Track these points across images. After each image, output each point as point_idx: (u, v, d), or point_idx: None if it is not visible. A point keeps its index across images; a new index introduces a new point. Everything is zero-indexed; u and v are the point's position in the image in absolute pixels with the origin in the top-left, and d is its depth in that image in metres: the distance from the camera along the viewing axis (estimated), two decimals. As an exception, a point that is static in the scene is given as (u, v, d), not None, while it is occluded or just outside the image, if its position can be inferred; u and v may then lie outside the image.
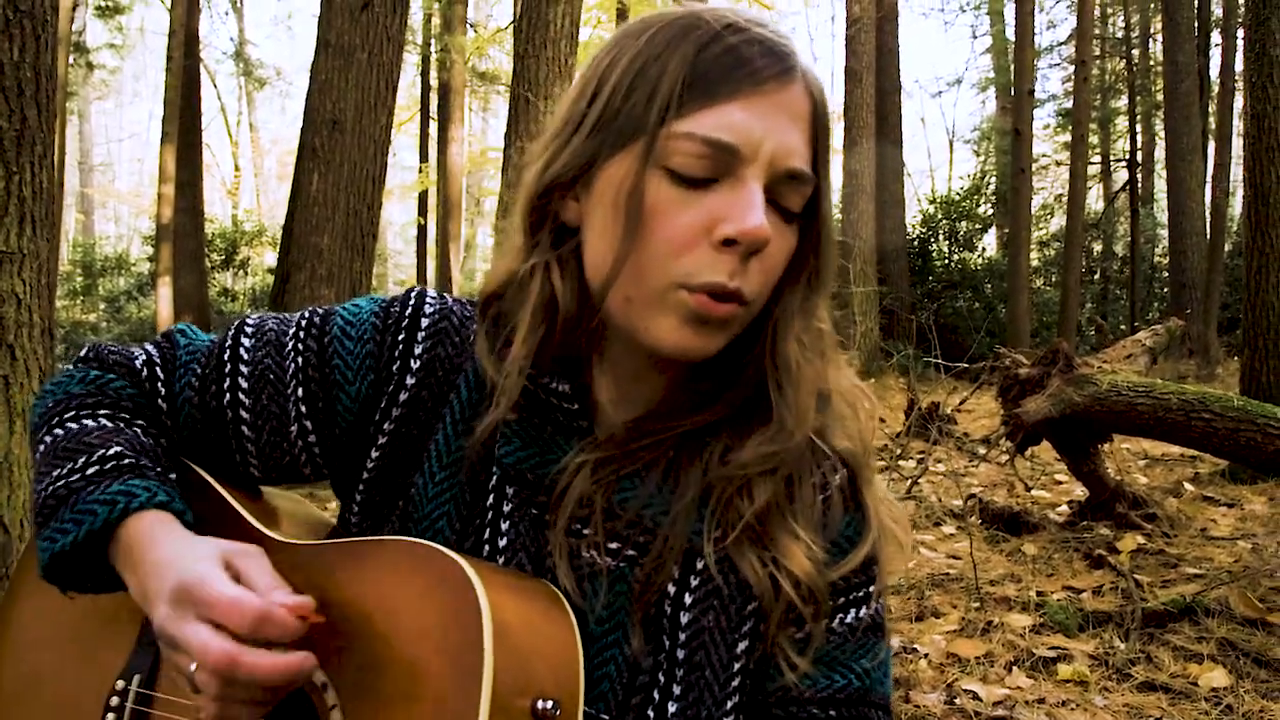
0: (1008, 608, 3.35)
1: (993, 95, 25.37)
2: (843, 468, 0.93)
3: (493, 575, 0.79)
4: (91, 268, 22.28)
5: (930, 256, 16.36)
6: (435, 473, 0.91)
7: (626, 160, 0.81)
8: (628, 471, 0.88)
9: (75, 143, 34.15)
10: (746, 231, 0.78)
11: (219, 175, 30.17)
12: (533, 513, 0.90)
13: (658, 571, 0.87)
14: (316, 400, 0.93)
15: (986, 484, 5.58)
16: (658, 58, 0.81)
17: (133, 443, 0.91)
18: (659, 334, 0.82)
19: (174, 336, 1.00)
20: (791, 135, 0.81)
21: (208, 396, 0.95)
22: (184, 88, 14.74)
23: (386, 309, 0.95)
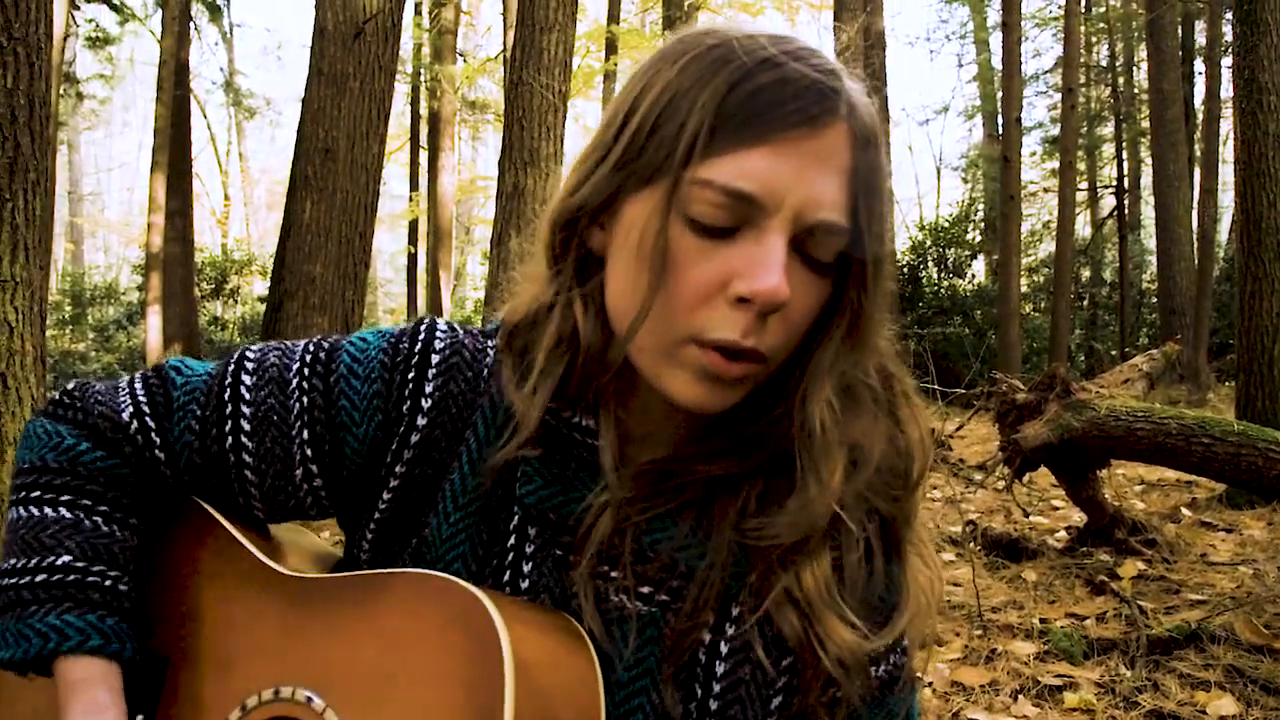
0: (1011, 635, 3.32)
1: (980, 123, 25.56)
2: (879, 521, 0.87)
3: (512, 609, 0.76)
4: (81, 297, 22.23)
5: (920, 283, 16.38)
6: (450, 513, 0.88)
7: (650, 200, 0.77)
8: (657, 513, 0.84)
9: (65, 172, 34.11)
10: (760, 292, 0.73)
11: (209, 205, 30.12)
12: (556, 553, 0.86)
13: (694, 618, 0.83)
14: (323, 443, 0.88)
15: (984, 510, 5.56)
16: (687, 92, 0.75)
17: (85, 545, 0.87)
18: (672, 387, 0.79)
19: (166, 374, 0.94)
20: (823, 184, 0.75)
21: (208, 441, 0.90)
22: (174, 117, 14.75)
23: (395, 345, 0.90)
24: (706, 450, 0.85)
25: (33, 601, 0.84)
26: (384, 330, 0.93)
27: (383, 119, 6.84)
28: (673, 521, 0.85)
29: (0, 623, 0.85)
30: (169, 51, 14.19)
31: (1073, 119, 13.70)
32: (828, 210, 0.75)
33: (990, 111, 22.15)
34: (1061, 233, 13.82)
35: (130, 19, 19.05)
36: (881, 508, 0.86)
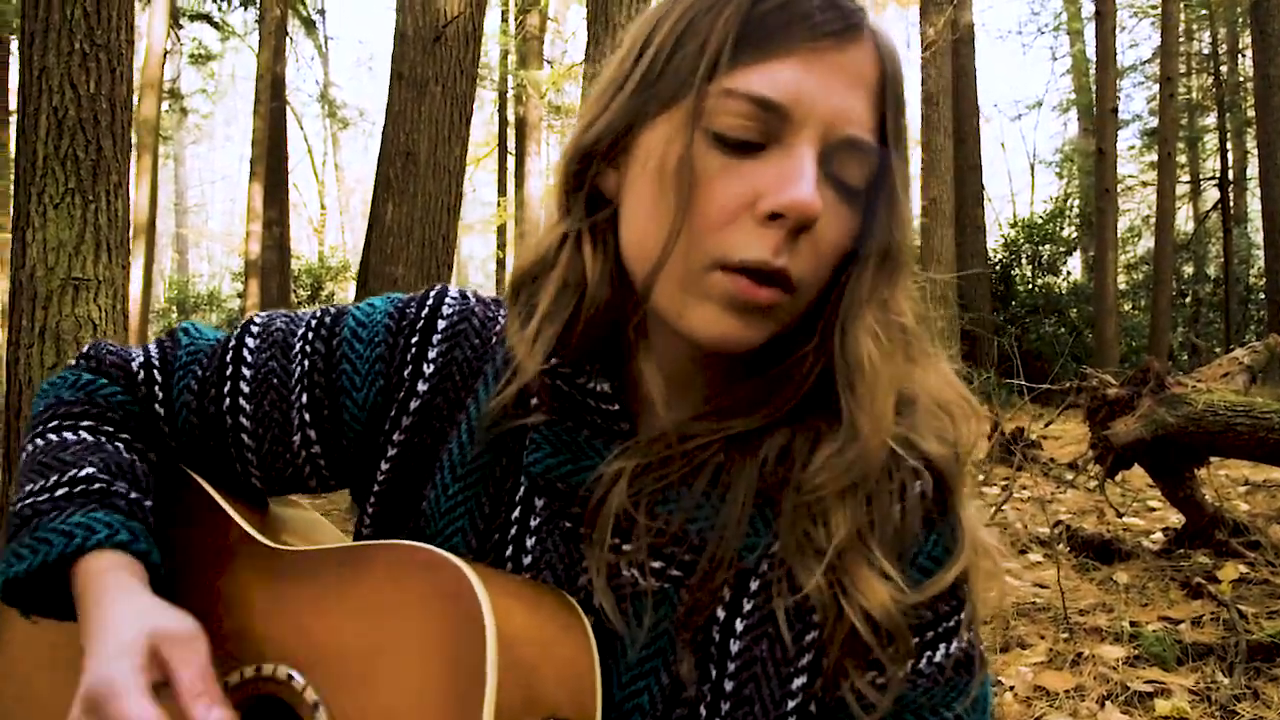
0: (1099, 638, 3.19)
1: (1074, 117, 24.88)
2: (927, 473, 0.80)
3: (501, 583, 0.73)
4: (185, 305, 22.98)
5: (1013, 281, 15.99)
6: (448, 484, 0.84)
7: (670, 122, 0.72)
8: (670, 481, 0.78)
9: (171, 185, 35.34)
10: (793, 204, 0.68)
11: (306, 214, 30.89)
12: (565, 525, 0.81)
13: (705, 592, 0.77)
14: (322, 408, 0.86)
15: (1075, 511, 5.37)
16: (710, 8, 0.72)
17: (109, 462, 0.84)
18: (696, 321, 0.73)
19: (177, 335, 0.93)
20: (851, 100, 0.72)
21: (206, 401, 0.88)
22: (271, 129, 15.16)
23: (402, 309, 0.88)
24: (736, 404, 0.79)
25: (52, 510, 0.80)
26: (394, 296, 0.91)
27: (464, 121, 6.90)
28: (686, 487, 0.79)
29: (14, 542, 0.80)
30: (265, 66, 14.57)
31: (1172, 109, 13.24)
32: (856, 127, 0.72)
33: (1085, 105, 21.53)
34: (1161, 227, 13.36)
35: (230, 35, 19.64)
36: (932, 453, 0.79)
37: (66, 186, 3.22)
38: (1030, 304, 15.55)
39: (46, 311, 3.25)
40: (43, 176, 3.22)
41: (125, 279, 3.46)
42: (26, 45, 3.21)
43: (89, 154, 3.30)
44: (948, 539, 0.79)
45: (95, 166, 3.33)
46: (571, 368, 0.79)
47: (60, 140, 3.20)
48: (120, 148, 3.40)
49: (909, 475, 0.79)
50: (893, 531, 0.77)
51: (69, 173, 3.23)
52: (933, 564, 0.78)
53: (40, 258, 3.25)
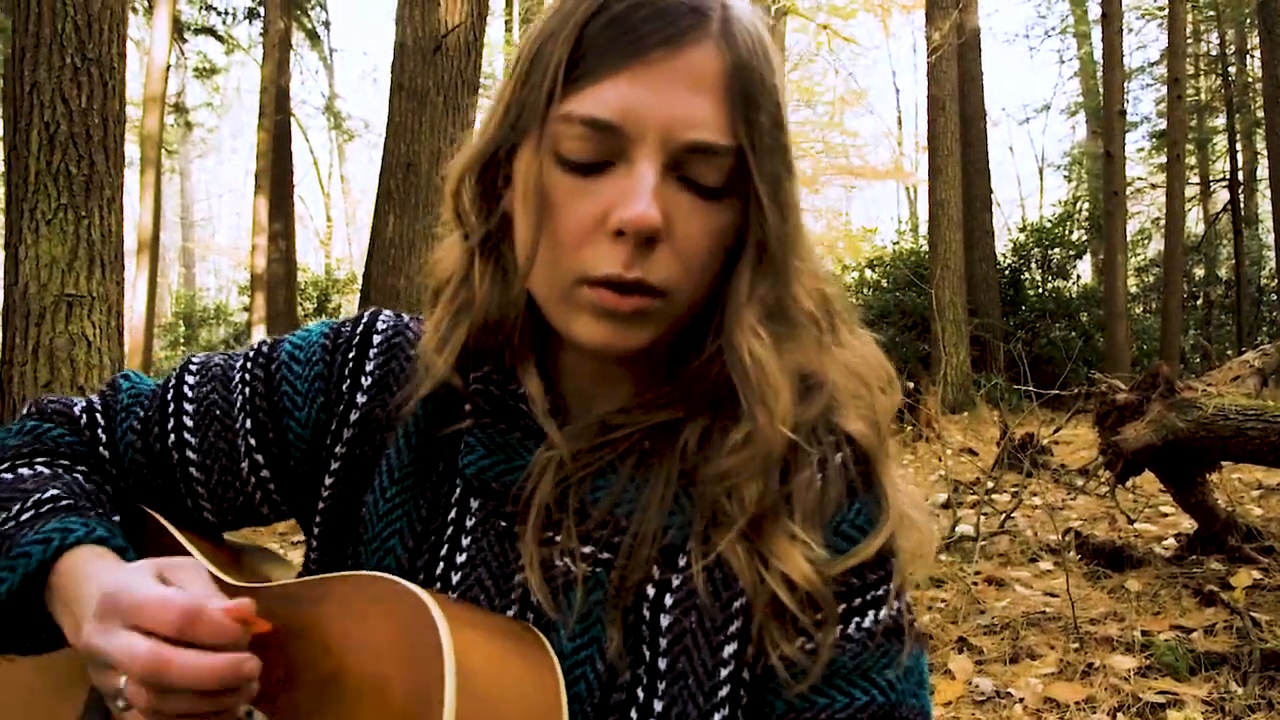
0: (1110, 648, 3.13)
1: (1083, 119, 24.82)
2: (848, 447, 0.82)
3: (463, 614, 0.70)
4: (191, 319, 23.08)
5: (1022, 285, 15.94)
6: (386, 488, 0.85)
7: (529, 148, 0.76)
8: (598, 468, 0.81)
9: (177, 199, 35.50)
10: (629, 220, 0.71)
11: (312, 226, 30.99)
12: (501, 525, 0.82)
13: (631, 571, 0.78)
14: (266, 431, 0.87)
15: (1086, 517, 5.31)
16: (553, 34, 0.75)
17: (71, 486, 0.84)
18: (578, 332, 0.76)
19: (117, 383, 0.95)
20: (691, 105, 0.72)
21: (151, 439, 0.89)
22: (276, 142, 15.18)
23: (337, 330, 0.91)
24: (647, 400, 0.82)
25: (22, 528, 0.78)
26: (328, 321, 0.93)
27: (466, 132, 6.88)
28: (613, 476, 0.81)
29: None
30: (269, 79, 14.59)
31: (1180, 111, 13.17)
32: (700, 130, 0.72)
33: (1093, 107, 21.46)
34: (1171, 229, 13.29)
35: (235, 49, 19.72)
36: (853, 430, 0.82)
37: (59, 202, 3.20)
38: (1040, 308, 15.49)
39: (40, 328, 3.22)
40: (34, 193, 3.20)
41: (119, 295, 3.44)
42: (17, 60, 3.19)
43: (81, 169, 3.28)
44: (871, 509, 0.81)
45: (88, 182, 3.31)
46: (500, 373, 0.83)
47: (52, 156, 3.18)
48: (113, 163, 3.38)
49: (830, 448, 0.81)
50: (814, 501, 0.79)
51: (61, 188, 3.21)
52: (856, 532, 0.80)
53: (33, 274, 3.23)
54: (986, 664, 3.11)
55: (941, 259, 12.77)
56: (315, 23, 20.13)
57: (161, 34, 12.04)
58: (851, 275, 17.94)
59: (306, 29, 19.84)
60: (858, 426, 0.82)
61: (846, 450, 0.82)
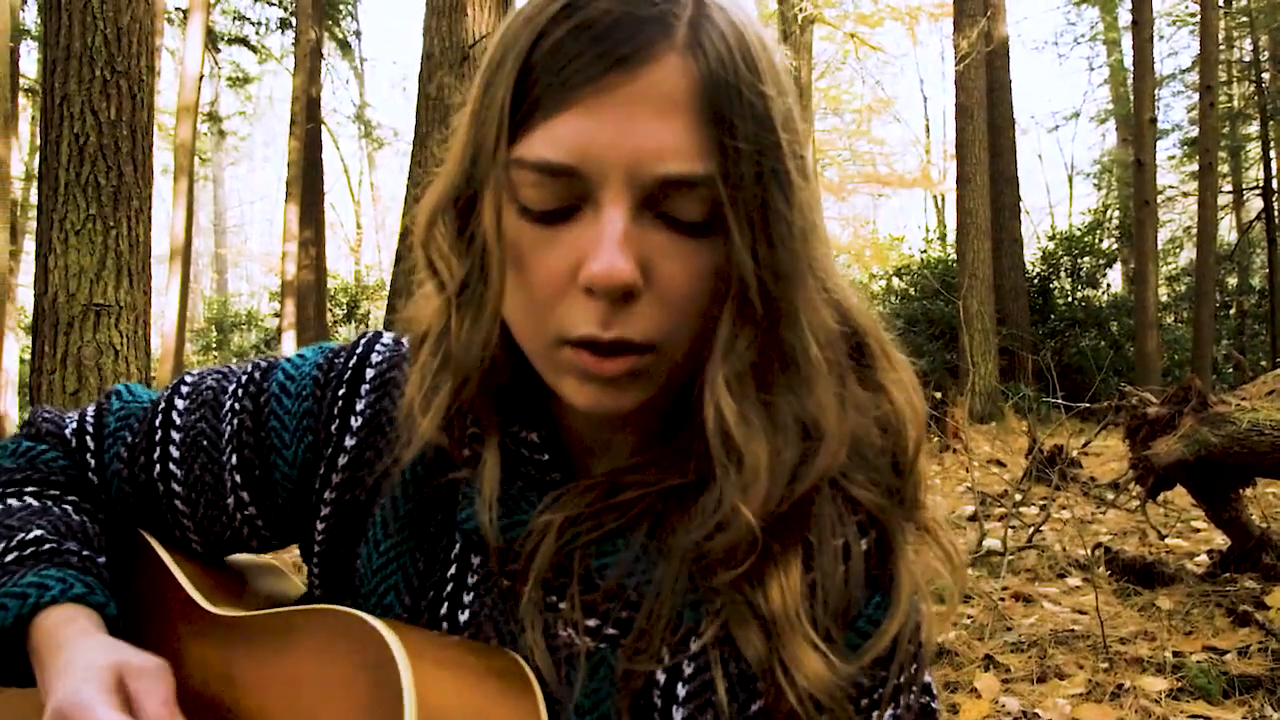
0: (1140, 669, 3.07)
1: (1113, 127, 24.61)
2: (870, 527, 0.74)
3: (431, 649, 0.67)
4: (223, 324, 23.26)
5: (1051, 294, 15.80)
6: (380, 541, 0.79)
7: (489, 194, 0.66)
8: (606, 532, 0.73)
9: (211, 206, 35.83)
10: (595, 278, 0.62)
11: (343, 233, 31.16)
12: (504, 583, 0.75)
13: (643, 655, 0.71)
14: (252, 468, 0.82)
15: (1115, 532, 5.24)
16: (499, 65, 0.66)
17: (56, 523, 0.82)
18: (567, 392, 0.69)
19: (110, 401, 0.91)
20: (658, 133, 0.62)
21: (136, 469, 0.85)
22: (307, 150, 15.30)
23: (331, 360, 0.84)
24: (656, 458, 0.74)
25: (3, 574, 0.77)
26: (326, 346, 0.87)
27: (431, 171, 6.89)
28: (623, 542, 0.73)
29: None
30: (300, 88, 14.69)
31: (1212, 118, 13.02)
32: (671, 161, 0.62)
33: (1124, 115, 21.28)
34: (1203, 238, 13.13)
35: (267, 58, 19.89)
36: (863, 499, 0.73)
37: (88, 213, 3.23)
38: (1069, 317, 15.35)
39: (68, 337, 3.25)
40: (64, 203, 3.22)
41: (147, 304, 3.46)
42: (48, 73, 3.22)
43: (110, 180, 3.31)
44: (886, 597, 0.74)
45: (116, 193, 3.33)
46: (502, 416, 0.75)
47: (81, 167, 3.21)
48: (142, 174, 3.40)
49: (854, 533, 0.73)
50: (836, 595, 0.72)
51: (90, 199, 3.23)
52: (871, 627, 0.73)
53: (62, 284, 3.25)
54: (1013, 683, 3.06)
55: (969, 268, 12.69)
56: (346, 33, 20.29)
57: (195, 44, 12.15)
58: (879, 284, 17.87)
59: (338, 39, 20.00)
60: (866, 496, 0.73)
61: (870, 532, 0.74)
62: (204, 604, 0.81)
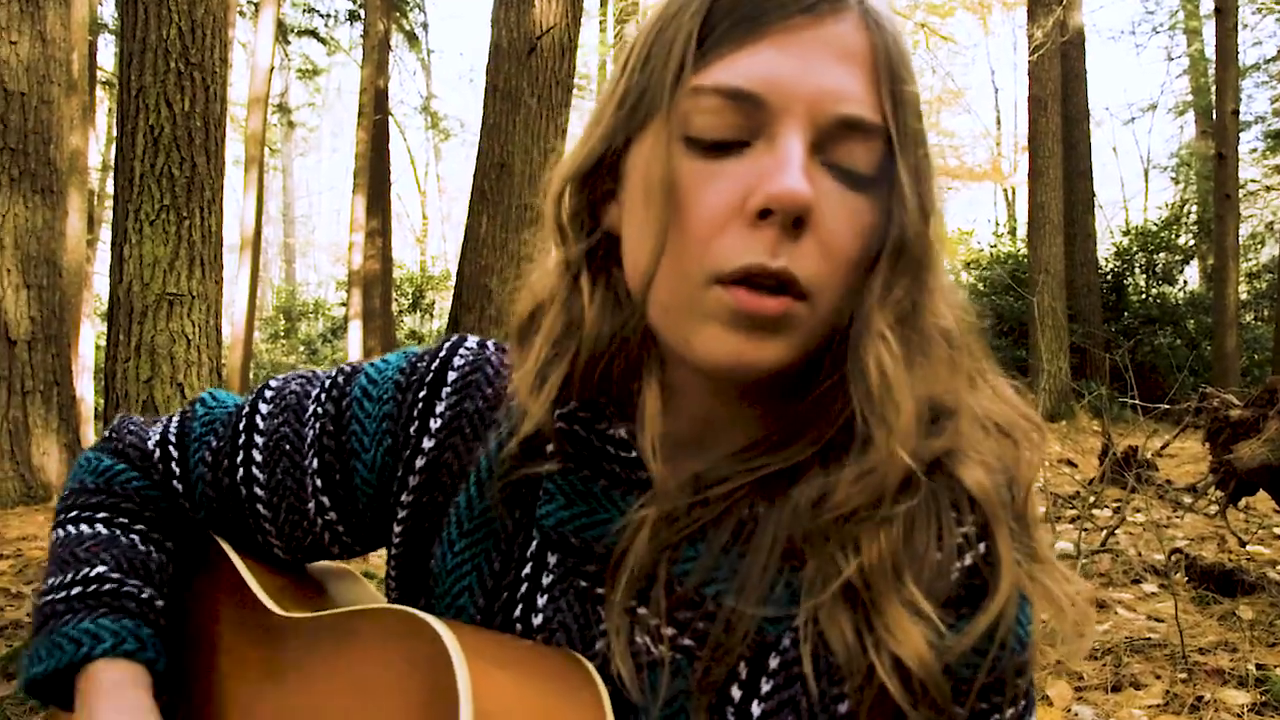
0: (1221, 681, 2.97)
1: (1192, 119, 23.97)
2: (969, 514, 0.69)
3: (492, 650, 0.66)
4: (291, 312, 23.66)
5: (1125, 291, 15.46)
6: (454, 540, 0.77)
7: (651, 136, 0.66)
8: (689, 533, 0.70)
9: (280, 196, 36.46)
10: (780, 194, 0.61)
11: (408, 224, 31.51)
12: (581, 584, 0.73)
13: (718, 665, 0.68)
14: (333, 472, 0.81)
15: (1193, 537, 5.09)
16: (676, 13, 0.67)
17: (120, 559, 0.84)
18: (702, 347, 0.65)
19: (195, 407, 0.91)
20: (841, 75, 0.64)
21: (220, 473, 0.85)
22: (374, 141, 15.47)
23: (414, 364, 0.83)
24: (768, 441, 0.71)
25: (66, 612, 0.81)
26: (410, 350, 0.86)
27: (559, 133, 6.89)
28: (705, 544, 0.70)
29: (36, 641, 0.82)
30: (368, 80, 14.87)
31: (1299, 110, 12.60)
32: (851, 104, 0.64)
33: (1203, 106, 20.73)
34: (1287, 234, 12.72)
35: (336, 50, 20.15)
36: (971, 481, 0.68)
37: (162, 203, 3.27)
38: (1144, 315, 15.01)
39: (142, 326, 3.30)
40: (139, 194, 3.27)
41: (218, 294, 3.50)
42: (124, 65, 3.26)
43: (183, 171, 3.35)
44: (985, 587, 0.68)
45: (189, 183, 3.37)
46: (589, 412, 0.73)
47: (156, 158, 3.25)
48: (214, 165, 3.44)
49: (949, 519, 0.68)
50: (931, 573, 0.66)
51: (164, 190, 3.28)
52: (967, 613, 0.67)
53: (136, 273, 3.30)
54: (1087, 691, 2.98)
55: (1041, 263, 12.45)
56: (414, 24, 20.47)
57: (266, 37, 12.34)
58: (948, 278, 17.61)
59: (405, 31, 20.18)
60: (978, 479, 0.68)
61: (968, 517, 0.68)
62: (271, 606, 0.82)
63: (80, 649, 0.79)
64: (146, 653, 0.81)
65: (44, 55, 7.45)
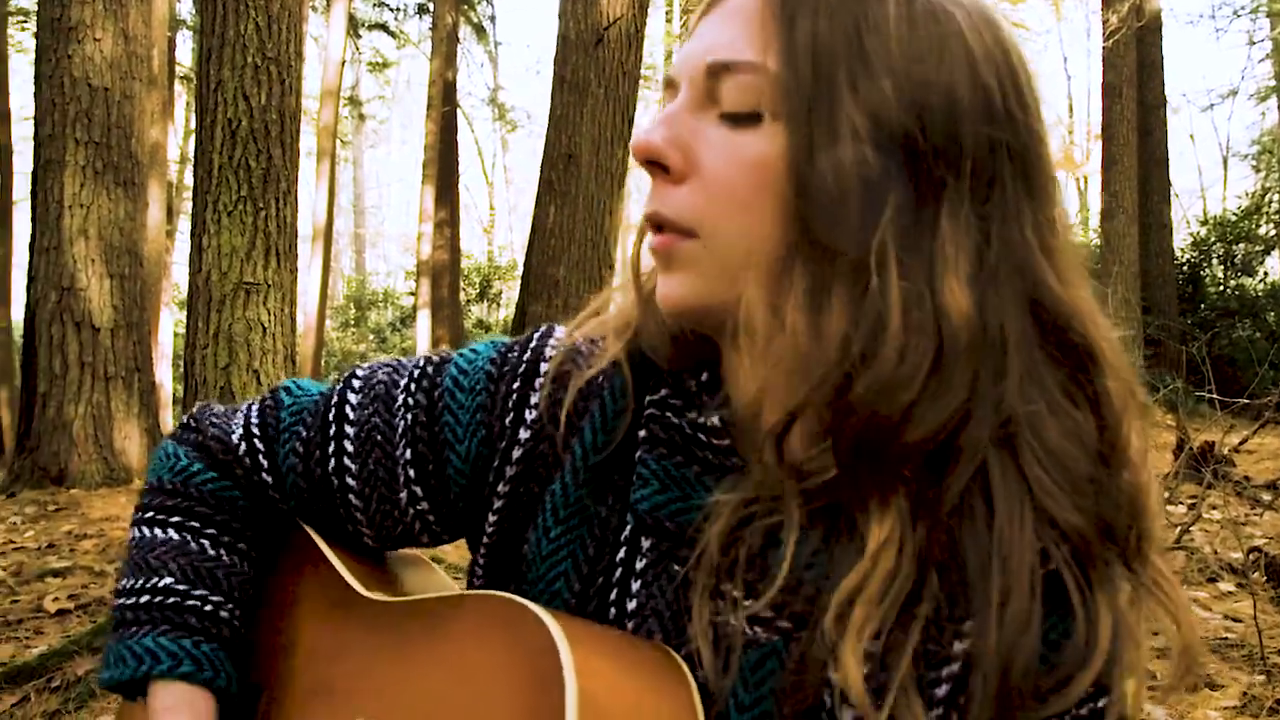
0: (1301, 682, 2.91)
1: (1274, 105, 23.24)
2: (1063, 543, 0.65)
3: (590, 638, 0.66)
4: (361, 301, 24.02)
5: (1202, 282, 15.06)
6: (550, 527, 0.78)
7: None
8: (787, 518, 0.68)
9: (350, 187, 37.02)
10: (631, 147, 0.70)
11: (476, 215, 31.80)
12: (674, 569, 0.73)
13: (817, 651, 0.66)
14: (426, 463, 0.82)
15: (1272, 535, 4.96)
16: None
17: (187, 569, 0.86)
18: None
19: (280, 396, 0.91)
20: (717, 35, 0.69)
21: (312, 464, 0.86)
22: (443, 133, 15.64)
23: (505, 354, 0.84)
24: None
25: (134, 623, 0.84)
26: (498, 340, 0.87)
27: (626, 123, 6.92)
28: (803, 530, 0.68)
29: (111, 644, 0.85)
30: (437, 72, 15.04)
31: (1389, 96, 12.17)
32: (719, 52, 0.68)
33: (1288, 93, 20.08)
34: (1375, 224, 12.31)
35: (406, 43, 20.38)
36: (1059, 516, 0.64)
37: (239, 194, 3.35)
38: (1221, 307, 14.61)
39: (220, 314, 3.38)
40: (217, 185, 3.35)
41: (293, 283, 3.57)
42: (204, 60, 3.34)
43: (260, 163, 3.42)
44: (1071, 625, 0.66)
45: (265, 175, 3.45)
46: (680, 399, 0.75)
47: (234, 150, 3.32)
48: (289, 157, 3.51)
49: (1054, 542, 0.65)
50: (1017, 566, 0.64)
51: (241, 181, 3.35)
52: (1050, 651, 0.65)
53: (214, 263, 3.38)
54: (1162, 690, 2.93)
55: (1115, 253, 12.19)
56: (481, 17, 20.62)
57: (338, 31, 12.53)
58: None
59: (473, 23, 20.35)
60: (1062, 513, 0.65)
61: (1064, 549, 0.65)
62: (360, 589, 0.82)
63: (141, 666, 0.82)
64: (204, 673, 0.82)
65: (126, 52, 7.66)
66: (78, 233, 7.37)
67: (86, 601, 4.32)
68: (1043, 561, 0.65)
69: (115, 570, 4.82)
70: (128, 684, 0.82)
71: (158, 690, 0.82)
